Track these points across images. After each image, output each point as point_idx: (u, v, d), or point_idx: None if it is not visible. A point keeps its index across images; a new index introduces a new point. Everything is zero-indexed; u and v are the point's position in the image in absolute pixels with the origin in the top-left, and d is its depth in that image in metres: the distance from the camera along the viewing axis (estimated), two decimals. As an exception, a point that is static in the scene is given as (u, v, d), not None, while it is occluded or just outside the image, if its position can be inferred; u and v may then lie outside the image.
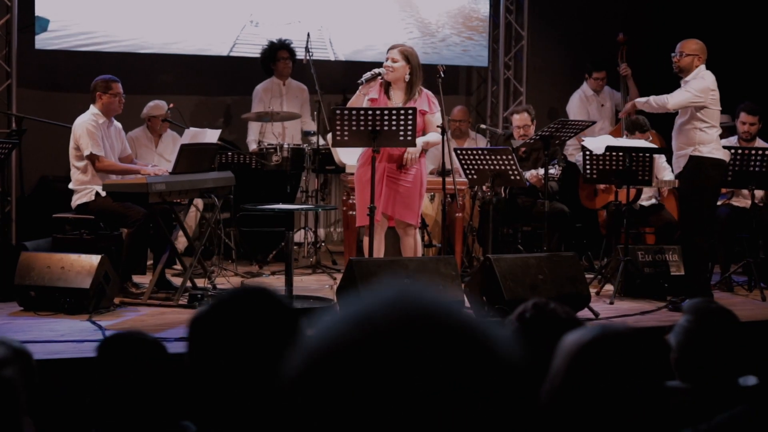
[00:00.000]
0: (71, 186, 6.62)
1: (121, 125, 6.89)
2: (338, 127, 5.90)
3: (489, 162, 6.89)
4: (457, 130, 8.60)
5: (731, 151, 6.82)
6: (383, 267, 5.64)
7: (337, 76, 9.07)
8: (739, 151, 7.05)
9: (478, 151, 7.00)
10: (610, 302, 6.53)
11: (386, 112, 5.87)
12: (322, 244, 8.34)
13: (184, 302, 6.18)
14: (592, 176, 7.27)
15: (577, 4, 9.89)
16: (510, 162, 6.85)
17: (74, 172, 6.59)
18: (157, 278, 6.34)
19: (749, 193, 7.22)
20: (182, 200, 6.85)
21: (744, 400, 2.42)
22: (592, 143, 6.97)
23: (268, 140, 8.16)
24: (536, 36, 9.74)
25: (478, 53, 9.62)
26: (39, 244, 6.56)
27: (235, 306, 1.59)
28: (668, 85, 6.56)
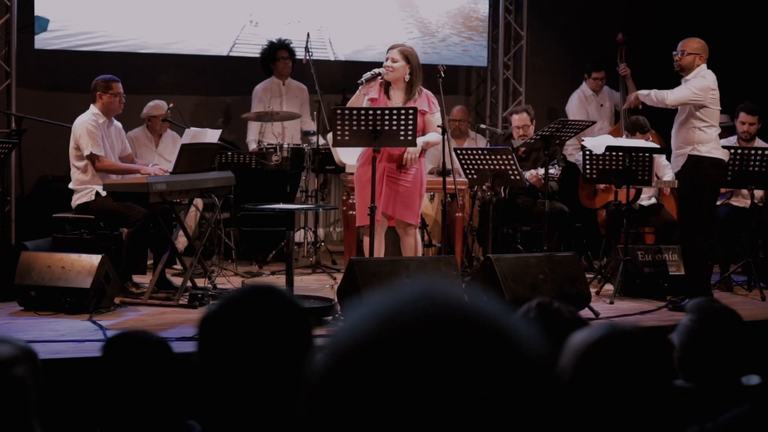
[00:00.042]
0: (71, 186, 6.62)
1: (121, 125, 6.89)
2: (339, 126, 5.89)
3: (489, 162, 6.90)
4: (456, 130, 8.60)
5: (731, 151, 6.83)
6: (384, 267, 5.64)
7: (337, 76, 9.07)
8: (738, 151, 7.05)
9: (478, 151, 7.01)
10: (610, 302, 6.54)
11: (387, 112, 5.87)
12: (322, 244, 8.34)
13: (185, 302, 6.18)
14: (592, 176, 7.28)
15: (576, 4, 9.89)
16: (510, 162, 6.86)
17: (74, 172, 6.59)
18: (157, 278, 6.34)
19: (749, 192, 7.23)
20: (182, 200, 6.85)
21: (747, 400, 2.43)
22: (592, 143, 6.97)
23: (268, 140, 8.16)
24: (535, 36, 9.74)
25: (478, 53, 9.62)
26: (39, 244, 6.55)
27: (244, 305, 1.59)
28: (667, 85, 6.56)
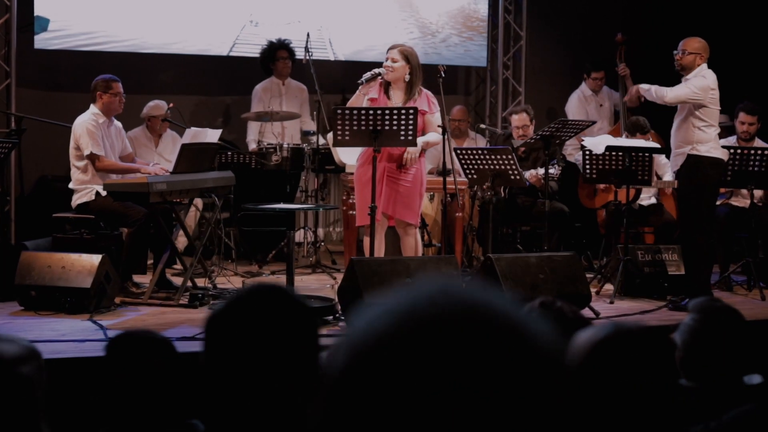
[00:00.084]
0: (71, 185, 6.62)
1: (121, 124, 6.90)
2: (339, 126, 5.89)
3: (489, 162, 6.90)
4: (456, 130, 8.60)
5: (730, 150, 6.84)
6: (384, 266, 5.64)
7: (337, 76, 9.07)
8: (738, 150, 7.06)
9: (478, 151, 7.01)
10: (610, 302, 6.54)
11: (387, 112, 5.87)
12: (322, 244, 8.34)
13: (185, 302, 6.18)
14: (592, 176, 7.28)
15: (575, 5, 9.90)
16: (510, 162, 6.86)
17: (74, 172, 6.59)
18: (157, 278, 6.35)
19: (748, 192, 7.24)
20: (183, 200, 6.85)
21: (749, 399, 2.43)
22: (592, 143, 6.98)
23: (268, 140, 8.16)
24: (535, 36, 9.75)
25: (478, 53, 9.62)
26: (39, 244, 6.55)
27: (250, 304, 1.59)
28: (667, 84, 6.56)
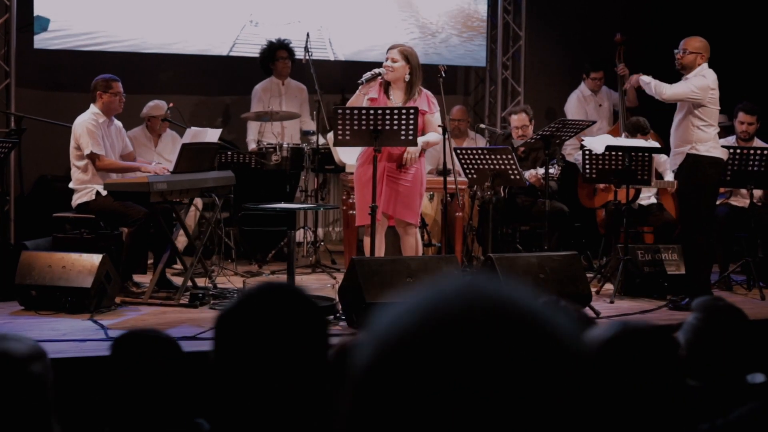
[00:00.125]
0: (71, 185, 6.62)
1: (121, 124, 6.90)
2: (340, 126, 5.90)
3: (489, 161, 6.91)
4: (456, 130, 8.60)
5: (730, 150, 6.85)
6: (385, 266, 5.65)
7: (337, 76, 9.08)
8: (737, 150, 7.07)
9: (478, 151, 7.01)
10: (611, 301, 6.55)
11: (388, 112, 5.88)
12: (321, 244, 8.34)
13: (185, 301, 6.19)
14: (592, 176, 7.28)
15: (574, 5, 9.91)
16: (510, 161, 6.87)
17: (75, 172, 6.60)
18: (157, 277, 6.35)
19: (748, 192, 7.24)
20: (183, 199, 6.85)
21: (752, 398, 2.43)
22: (592, 143, 6.99)
23: (267, 140, 8.16)
24: (534, 36, 9.75)
25: (477, 53, 9.63)
26: (39, 244, 6.55)
27: (261, 303, 1.59)
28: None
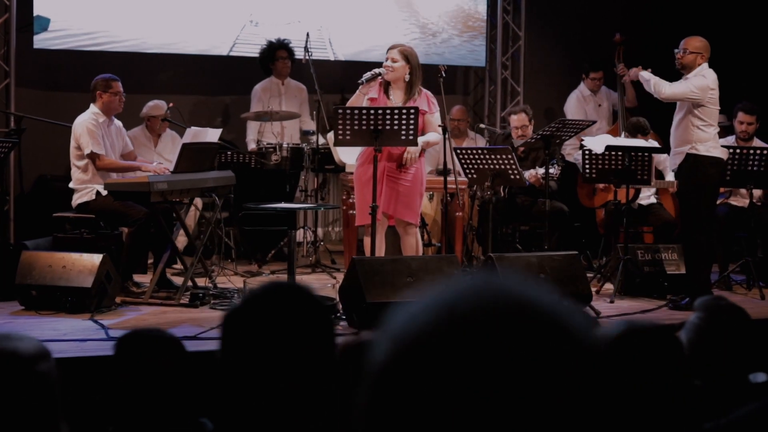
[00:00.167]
0: (72, 185, 6.62)
1: (121, 123, 6.90)
2: (340, 126, 5.90)
3: (489, 161, 6.91)
4: (455, 130, 8.60)
5: (730, 150, 6.86)
6: (386, 266, 5.65)
7: (336, 76, 9.08)
8: (737, 150, 7.08)
9: (478, 151, 7.02)
10: (611, 301, 6.56)
11: (388, 112, 5.88)
12: (321, 243, 8.35)
13: (185, 301, 6.19)
14: (592, 175, 7.29)
15: (574, 5, 9.91)
16: (510, 161, 6.87)
17: (75, 171, 6.60)
18: (158, 277, 6.35)
19: (747, 192, 7.25)
20: (183, 199, 6.86)
21: (754, 397, 2.44)
22: (592, 143, 6.99)
23: (267, 140, 8.16)
24: (533, 36, 9.76)
25: (477, 53, 9.64)
26: (39, 244, 6.55)
27: (267, 302, 1.60)
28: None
